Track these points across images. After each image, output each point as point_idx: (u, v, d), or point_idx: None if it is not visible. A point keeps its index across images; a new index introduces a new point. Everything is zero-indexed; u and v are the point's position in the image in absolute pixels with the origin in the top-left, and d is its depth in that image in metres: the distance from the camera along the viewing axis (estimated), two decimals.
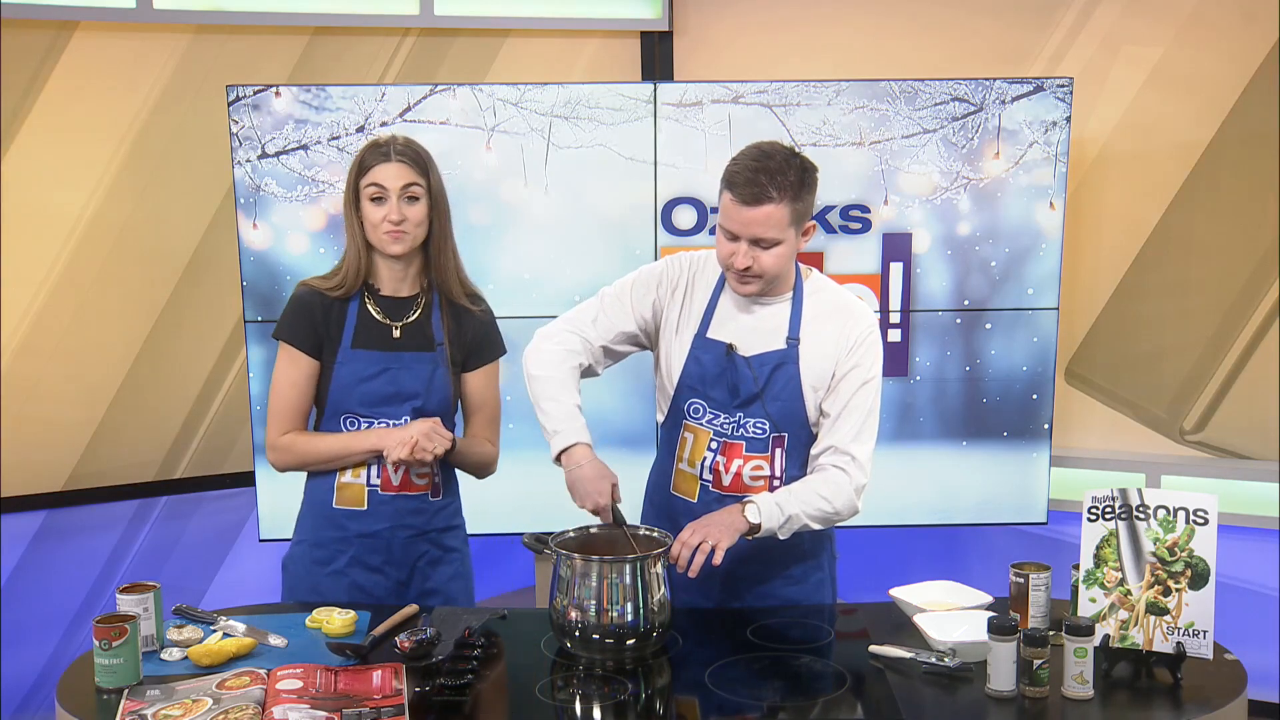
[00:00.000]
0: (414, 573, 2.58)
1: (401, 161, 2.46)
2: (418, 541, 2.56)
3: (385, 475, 2.52)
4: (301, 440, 2.53)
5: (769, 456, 2.43)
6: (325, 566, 2.56)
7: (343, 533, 2.54)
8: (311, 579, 2.57)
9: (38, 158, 3.48)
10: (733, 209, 2.30)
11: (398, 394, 2.51)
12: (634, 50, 4.11)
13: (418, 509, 2.55)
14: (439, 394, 2.54)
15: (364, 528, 2.53)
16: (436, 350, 2.54)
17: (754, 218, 2.28)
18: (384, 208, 2.45)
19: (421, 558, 2.58)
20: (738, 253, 2.31)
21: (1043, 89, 3.45)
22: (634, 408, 3.52)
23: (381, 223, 2.46)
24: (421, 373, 2.52)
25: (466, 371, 2.60)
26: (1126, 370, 3.81)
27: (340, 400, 2.52)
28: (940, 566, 3.42)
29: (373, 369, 2.50)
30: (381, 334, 2.52)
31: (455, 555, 2.63)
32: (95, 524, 3.70)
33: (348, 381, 2.51)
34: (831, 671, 2.21)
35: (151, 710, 1.95)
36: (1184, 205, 3.66)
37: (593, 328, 2.49)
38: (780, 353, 2.40)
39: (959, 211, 3.49)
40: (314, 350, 2.52)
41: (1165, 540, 2.14)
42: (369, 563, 2.55)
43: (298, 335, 2.52)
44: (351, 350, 2.51)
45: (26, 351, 3.53)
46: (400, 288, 2.55)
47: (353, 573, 2.55)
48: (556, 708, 2.09)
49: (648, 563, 2.22)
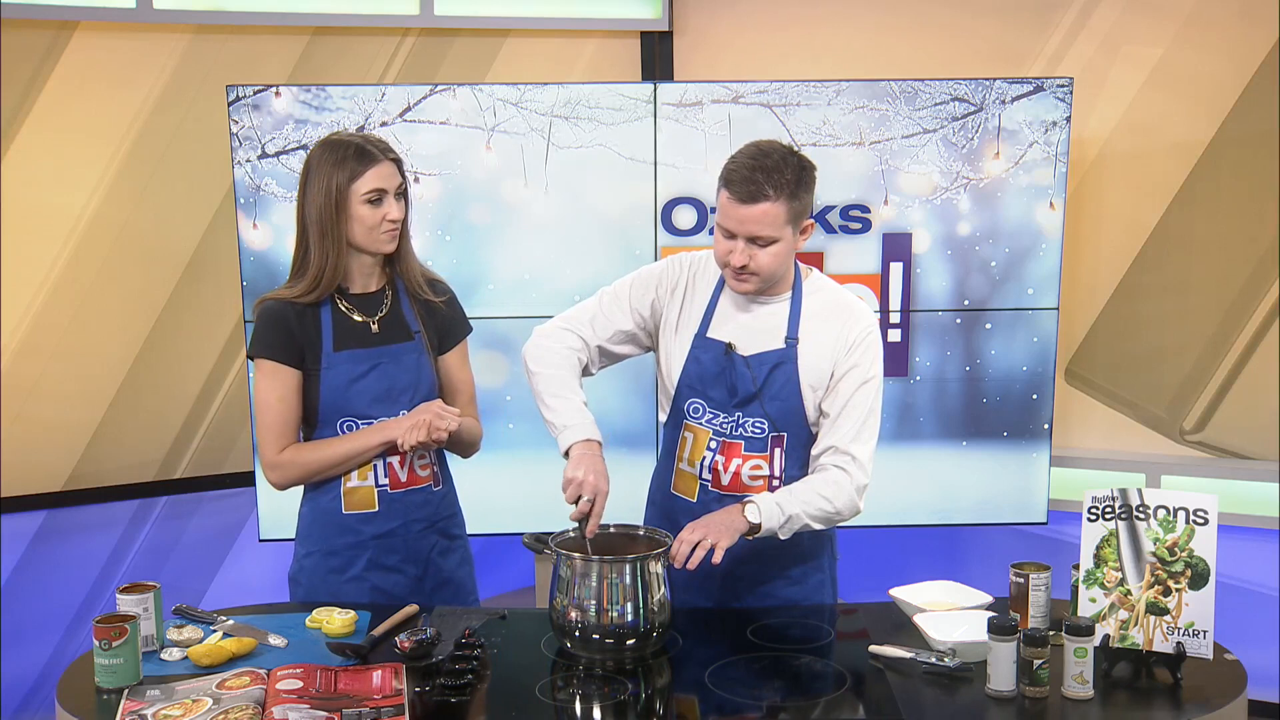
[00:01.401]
0: (428, 565, 2.58)
1: (390, 160, 2.48)
2: (428, 533, 2.58)
3: (393, 474, 2.52)
4: (304, 452, 2.49)
5: (768, 456, 2.43)
6: (342, 574, 2.53)
7: (357, 537, 2.52)
8: (328, 588, 2.53)
9: (38, 158, 3.48)
10: (729, 207, 2.30)
11: (391, 388, 2.50)
12: (634, 50, 4.11)
13: (425, 501, 2.56)
14: (429, 380, 2.55)
15: (378, 529, 2.53)
16: (415, 338, 2.55)
17: (750, 215, 2.28)
18: (381, 208, 2.45)
19: (433, 549, 2.59)
20: (735, 251, 2.31)
21: (1043, 89, 3.45)
22: (634, 408, 3.52)
23: (381, 223, 2.46)
24: (409, 363, 2.52)
25: (442, 354, 2.61)
26: (1126, 370, 3.81)
27: (334, 405, 2.49)
28: (940, 566, 3.42)
29: (362, 368, 2.50)
30: (360, 332, 2.52)
31: (459, 542, 2.66)
32: (95, 524, 3.70)
33: (339, 385, 2.48)
34: (831, 671, 2.21)
35: (151, 710, 1.95)
36: (1184, 205, 3.66)
37: (590, 327, 2.49)
38: (779, 352, 2.40)
39: (959, 211, 3.49)
40: (295, 361, 2.48)
41: (1165, 540, 2.14)
42: (385, 563, 2.54)
43: (276, 349, 2.47)
44: (335, 354, 2.48)
45: (26, 351, 3.53)
46: (369, 283, 2.55)
47: (371, 576, 2.53)
48: (556, 708, 2.09)
49: (648, 563, 2.22)
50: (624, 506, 2.51)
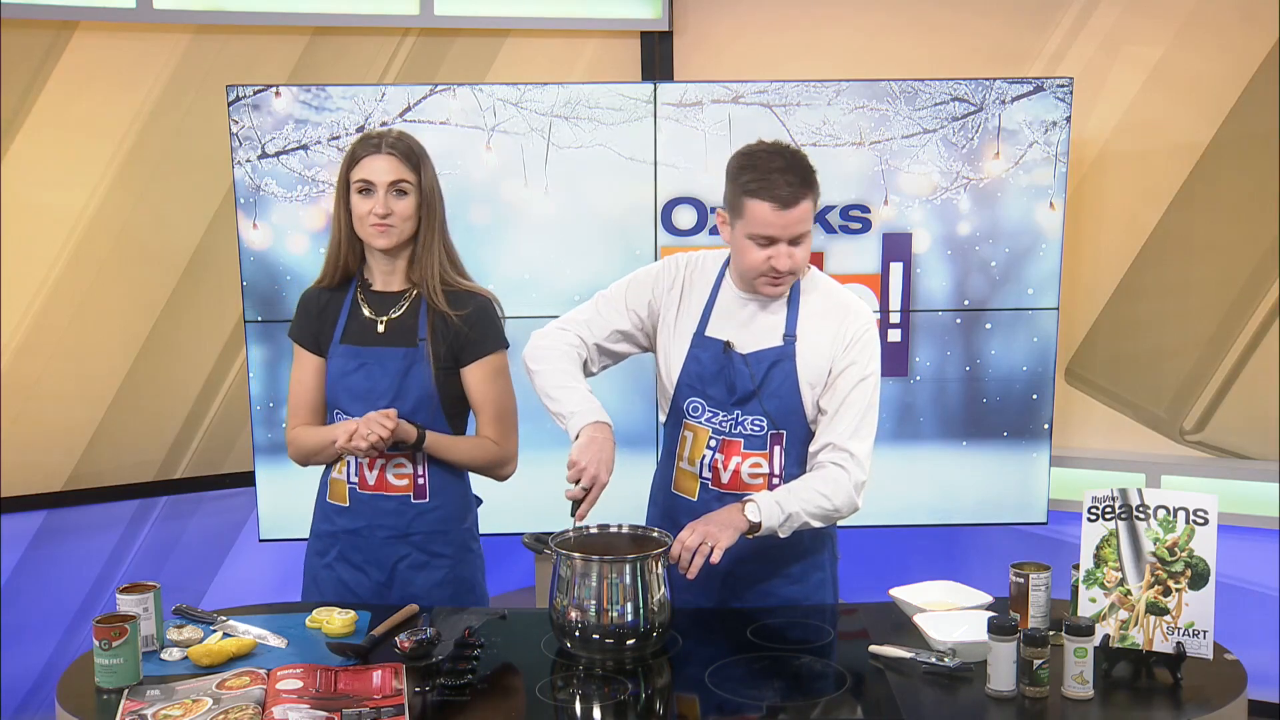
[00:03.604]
0: (394, 575, 2.55)
1: (392, 155, 2.44)
2: (397, 544, 2.53)
3: (362, 474, 2.53)
4: (299, 434, 2.59)
5: (767, 454, 2.43)
6: (321, 559, 2.60)
7: (332, 527, 2.58)
8: (312, 570, 2.62)
9: (38, 158, 3.48)
10: (771, 215, 2.29)
11: (371, 389, 2.49)
12: (634, 50, 4.11)
13: (397, 510, 2.52)
14: (415, 390, 2.49)
15: (346, 524, 2.56)
16: (418, 346, 2.50)
17: (794, 218, 2.30)
18: (370, 200, 2.44)
19: (402, 560, 2.54)
20: (778, 255, 2.32)
21: (1043, 89, 3.45)
22: (634, 408, 3.52)
23: (367, 215, 2.44)
24: (394, 368, 2.49)
25: (462, 367, 2.54)
26: (1126, 370, 3.81)
27: (330, 395, 2.56)
28: (940, 566, 3.42)
29: (353, 364, 2.51)
30: (366, 329, 2.53)
31: (443, 562, 2.55)
32: (95, 524, 3.70)
33: (335, 376, 2.54)
34: (831, 671, 2.21)
35: (151, 710, 1.95)
36: (1184, 205, 3.66)
37: (586, 327, 2.50)
38: (777, 350, 2.41)
39: (959, 211, 3.49)
40: (314, 347, 2.57)
41: (1165, 540, 2.14)
42: (352, 560, 2.56)
43: (300, 333, 2.59)
44: (340, 345, 2.53)
45: (26, 351, 3.53)
46: (390, 282, 2.55)
47: (339, 568, 2.57)
48: (556, 708, 2.09)
49: (648, 563, 2.22)
50: (625, 506, 2.51)
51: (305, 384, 2.58)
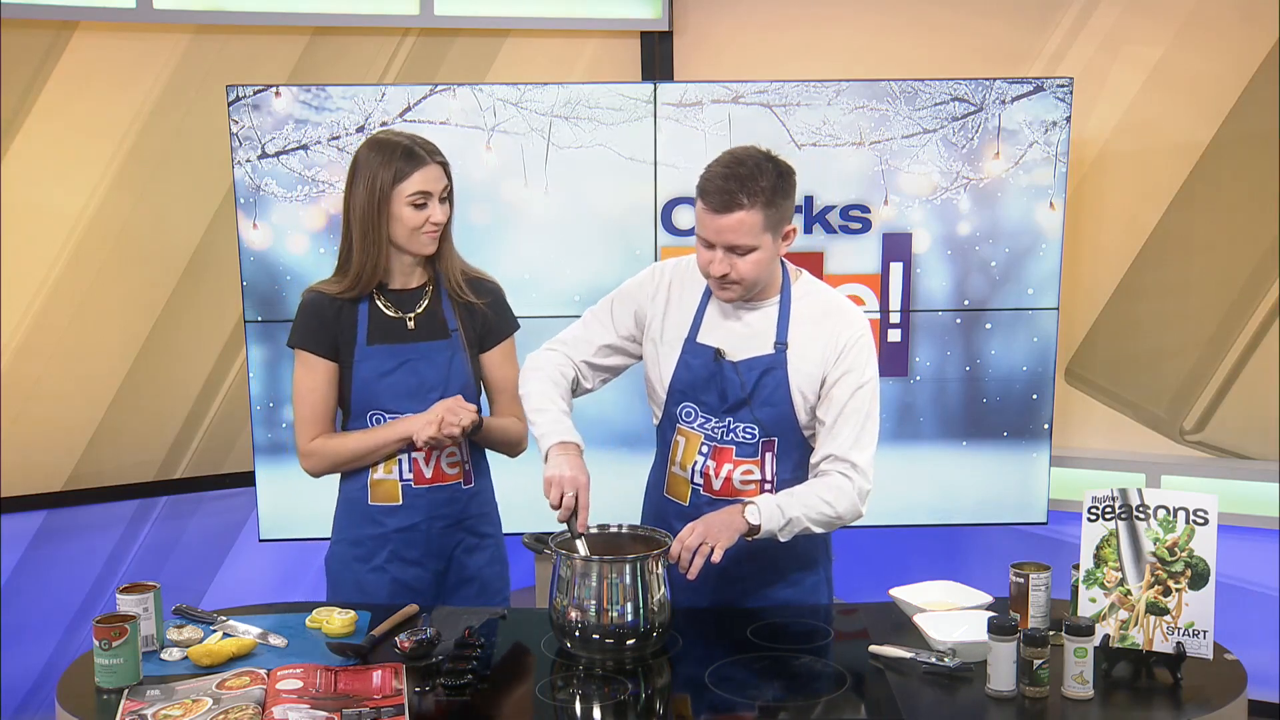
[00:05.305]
0: (451, 562, 2.60)
1: (437, 163, 2.49)
2: (453, 531, 2.58)
3: (418, 469, 2.53)
4: (331, 443, 2.54)
5: (759, 461, 2.42)
6: (366, 564, 2.57)
7: (380, 529, 2.55)
8: (354, 576, 2.58)
9: (38, 158, 3.48)
10: (705, 217, 2.29)
11: (420, 385, 2.52)
12: (634, 50, 4.11)
13: (451, 498, 2.57)
14: (459, 379, 2.55)
15: (400, 523, 2.54)
16: (452, 336, 2.56)
17: (726, 225, 2.27)
18: (425, 211, 2.47)
19: (458, 546, 2.60)
20: (714, 260, 2.31)
21: (1043, 89, 3.45)
22: (634, 408, 3.51)
23: (424, 225, 2.47)
24: (439, 360, 2.53)
25: (483, 352, 2.62)
26: (1126, 370, 3.81)
27: (364, 398, 2.53)
28: (940, 566, 3.41)
29: (391, 363, 2.51)
30: (396, 327, 2.53)
31: (490, 541, 2.65)
32: (95, 524, 3.70)
33: (369, 378, 2.52)
34: (831, 671, 2.21)
35: (151, 710, 1.95)
36: (1184, 205, 3.66)
37: (574, 345, 2.52)
38: (768, 358, 2.39)
39: (959, 211, 3.49)
40: (330, 353, 2.53)
41: (1165, 540, 2.14)
42: (407, 557, 2.56)
43: (311, 340, 2.53)
44: (368, 347, 2.52)
45: (26, 351, 3.53)
46: (409, 280, 2.57)
47: (392, 568, 2.56)
48: (556, 708, 2.09)
49: (648, 563, 2.22)
50: (624, 506, 2.51)
51: (319, 391, 2.54)
